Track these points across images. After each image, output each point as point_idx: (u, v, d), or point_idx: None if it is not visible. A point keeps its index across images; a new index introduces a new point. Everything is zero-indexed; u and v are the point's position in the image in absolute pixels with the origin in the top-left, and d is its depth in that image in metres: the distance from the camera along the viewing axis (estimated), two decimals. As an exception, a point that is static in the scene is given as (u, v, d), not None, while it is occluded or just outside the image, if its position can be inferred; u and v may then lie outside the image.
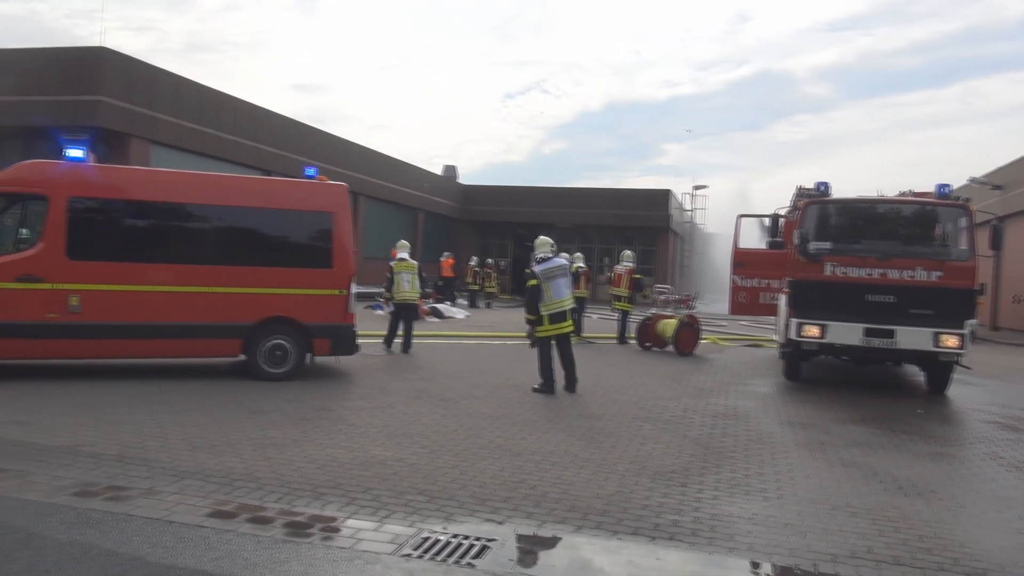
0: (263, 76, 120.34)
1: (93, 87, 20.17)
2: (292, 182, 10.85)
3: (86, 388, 8.62)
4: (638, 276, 17.68)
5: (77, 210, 9.27)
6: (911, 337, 10.32)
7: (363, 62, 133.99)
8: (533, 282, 9.84)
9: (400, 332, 13.85)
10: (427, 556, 4.29)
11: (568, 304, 9.96)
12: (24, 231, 10.06)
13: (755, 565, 4.45)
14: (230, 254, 9.94)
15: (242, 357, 9.96)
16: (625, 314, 17.27)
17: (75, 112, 19.89)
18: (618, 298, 17.38)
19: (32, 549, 4.10)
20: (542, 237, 10.50)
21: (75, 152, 9.45)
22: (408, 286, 14.06)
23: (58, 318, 9.00)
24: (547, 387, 9.82)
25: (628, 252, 18.45)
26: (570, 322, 10.09)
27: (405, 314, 14.07)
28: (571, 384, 9.97)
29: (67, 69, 20.47)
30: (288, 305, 9.99)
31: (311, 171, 10.80)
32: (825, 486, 6.10)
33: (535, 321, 9.89)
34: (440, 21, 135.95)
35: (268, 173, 24.40)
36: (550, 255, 10.10)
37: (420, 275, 14.59)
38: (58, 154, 9.44)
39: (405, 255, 14.36)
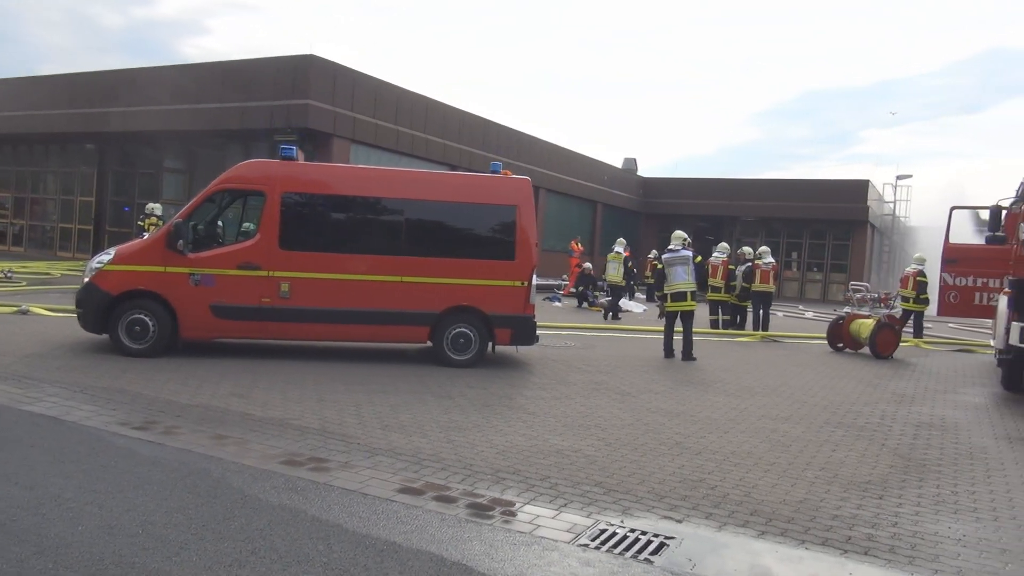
0: (443, 75, 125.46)
1: (302, 92, 22.04)
2: (478, 176, 11.23)
3: (293, 367, 9.46)
4: (923, 279, 17.25)
5: (288, 204, 10.15)
6: None
7: (559, 53, 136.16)
8: (659, 265, 13.03)
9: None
10: (604, 548, 4.30)
11: (683, 287, 12.21)
12: (248, 224, 11.20)
13: (964, 591, 4.07)
14: (420, 245, 10.47)
15: (428, 344, 10.48)
16: (909, 314, 17.44)
17: (287, 115, 21.85)
18: (905, 299, 17.42)
19: (249, 509, 4.58)
20: (677, 231, 12.95)
21: (288, 151, 10.38)
22: (613, 271, 19.97)
23: (271, 302, 9.92)
24: (665, 353, 12.32)
25: (920, 255, 17.96)
26: (690, 303, 12.26)
27: (614, 292, 19.87)
28: (685, 355, 12.11)
29: (281, 76, 22.53)
30: (472, 295, 10.36)
31: (497, 165, 11.13)
32: (1052, 511, 5.43)
33: (663, 297, 12.58)
34: (627, 15, 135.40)
35: (454, 168, 25.44)
36: (678, 247, 12.46)
37: (626, 264, 20.30)
38: (273, 153, 10.39)
39: (619, 249, 20.32)
